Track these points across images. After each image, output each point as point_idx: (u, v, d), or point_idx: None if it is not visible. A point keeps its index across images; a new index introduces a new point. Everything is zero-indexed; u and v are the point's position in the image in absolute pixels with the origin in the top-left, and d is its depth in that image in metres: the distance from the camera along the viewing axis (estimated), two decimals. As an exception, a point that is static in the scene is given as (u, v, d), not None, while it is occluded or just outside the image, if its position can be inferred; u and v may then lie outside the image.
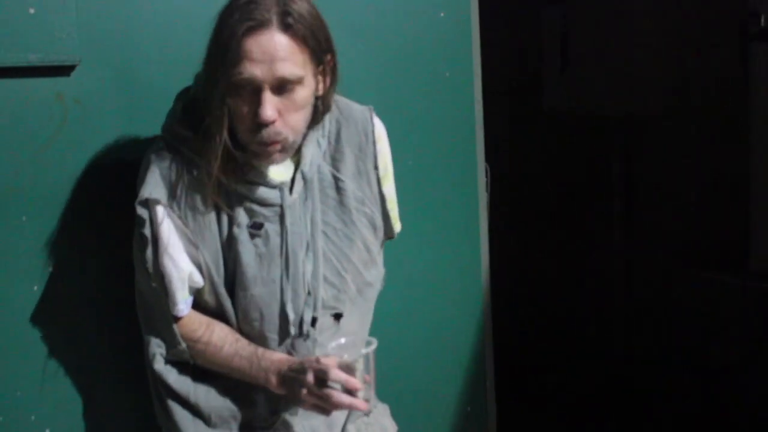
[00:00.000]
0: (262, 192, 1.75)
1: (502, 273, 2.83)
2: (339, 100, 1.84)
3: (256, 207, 1.75)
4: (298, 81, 1.64)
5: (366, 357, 1.68)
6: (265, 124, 1.64)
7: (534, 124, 4.93)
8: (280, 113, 1.65)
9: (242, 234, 1.74)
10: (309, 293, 1.79)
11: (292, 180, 1.79)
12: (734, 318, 3.95)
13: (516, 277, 4.61)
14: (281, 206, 1.76)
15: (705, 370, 4.09)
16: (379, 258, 1.96)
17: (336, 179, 1.84)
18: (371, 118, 1.90)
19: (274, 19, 1.60)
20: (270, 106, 1.62)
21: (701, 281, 4.14)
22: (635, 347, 4.57)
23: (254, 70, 1.60)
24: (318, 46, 1.66)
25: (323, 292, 1.82)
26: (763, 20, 3.76)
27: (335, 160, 1.85)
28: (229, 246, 1.75)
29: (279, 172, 1.77)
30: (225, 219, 1.74)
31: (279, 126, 1.65)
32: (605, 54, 4.41)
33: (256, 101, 1.62)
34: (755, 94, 3.83)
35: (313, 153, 1.81)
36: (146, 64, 1.97)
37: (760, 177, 3.86)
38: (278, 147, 1.69)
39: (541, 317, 4.92)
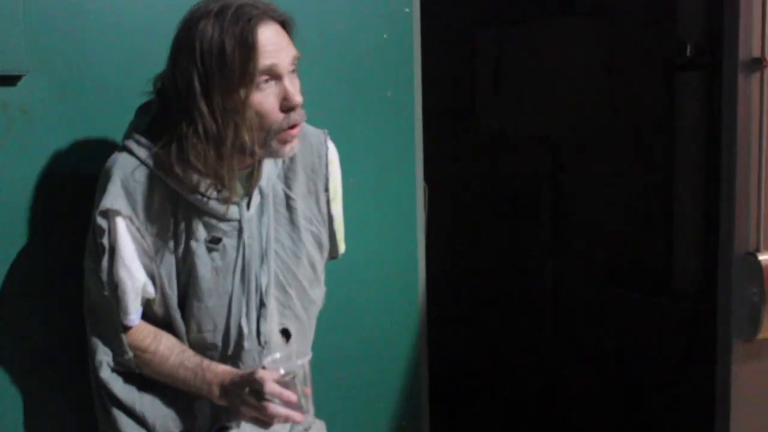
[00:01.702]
0: (222, 207, 1.77)
1: (437, 290, 2.87)
2: None
3: (214, 222, 1.77)
4: (299, 59, 1.75)
5: (301, 369, 1.73)
6: (293, 107, 1.71)
7: (467, 145, 5.01)
8: None
9: (200, 248, 1.76)
10: (264, 305, 1.83)
11: (249, 196, 1.83)
12: (658, 335, 4.06)
13: (450, 295, 4.67)
14: (240, 221, 1.79)
15: (631, 386, 4.19)
16: (323, 277, 2.00)
17: (288, 197, 1.89)
18: (326, 141, 1.97)
19: (264, 15, 1.69)
20: (294, 87, 1.73)
21: (626, 300, 4.25)
22: (564, 364, 4.65)
23: (273, 58, 1.68)
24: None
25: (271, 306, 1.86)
26: (689, 50, 3.89)
27: (288, 179, 1.90)
28: (184, 259, 1.77)
29: (238, 188, 1.79)
30: (182, 232, 1.76)
31: (300, 106, 1.74)
32: (537, 78, 4.51)
33: (279, 89, 1.70)
34: (680, 120, 3.96)
35: (270, 170, 1.85)
36: (93, 75, 1.97)
37: (683, 201, 3.98)
38: (299, 130, 1.76)
39: (474, 334, 4.99)
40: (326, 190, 1.96)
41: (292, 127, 1.74)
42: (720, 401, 2.73)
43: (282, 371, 1.71)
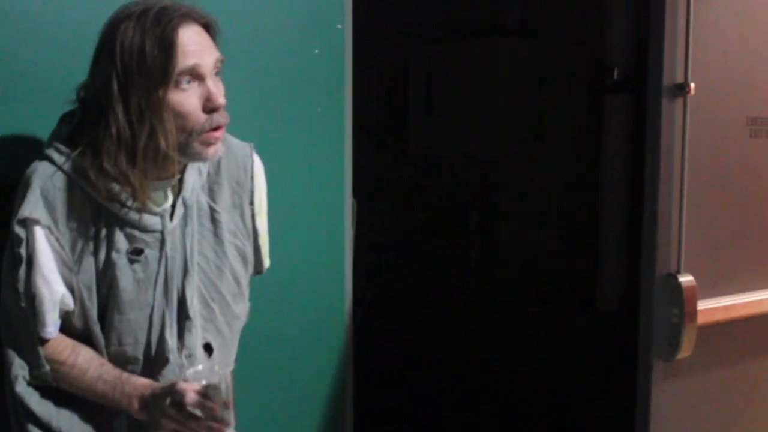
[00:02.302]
0: (144, 218, 1.75)
1: (365, 306, 2.87)
2: None
3: (136, 233, 1.75)
4: (222, 62, 1.74)
5: (224, 381, 1.71)
6: (217, 108, 1.69)
7: (399, 162, 5.02)
8: None
9: (121, 259, 1.74)
10: (189, 318, 1.81)
11: (173, 207, 1.81)
12: (582, 353, 4.11)
13: (378, 310, 4.66)
14: (162, 233, 1.77)
15: (554, 403, 4.23)
16: (247, 291, 1.99)
17: (212, 210, 1.87)
18: (251, 155, 1.96)
19: (187, 16, 1.68)
20: (218, 89, 1.71)
21: (551, 318, 4.30)
22: (489, 380, 4.67)
23: (196, 58, 1.66)
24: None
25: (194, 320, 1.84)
26: (616, 73, 3.96)
27: (213, 191, 1.89)
28: (105, 271, 1.74)
29: (160, 198, 1.78)
30: (103, 243, 1.73)
31: (223, 108, 1.72)
32: (468, 97, 4.55)
33: (202, 90, 1.69)
34: (607, 142, 4.03)
35: (194, 181, 1.83)
36: (16, 81, 1.93)
37: (608, 221, 4.05)
38: (222, 133, 1.74)
39: (401, 349, 4.99)
40: (251, 203, 1.95)
41: (216, 129, 1.72)
42: (640, 420, 2.76)
43: (204, 382, 1.69)
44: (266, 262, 2.06)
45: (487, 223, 4.83)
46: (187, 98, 1.68)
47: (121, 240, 1.74)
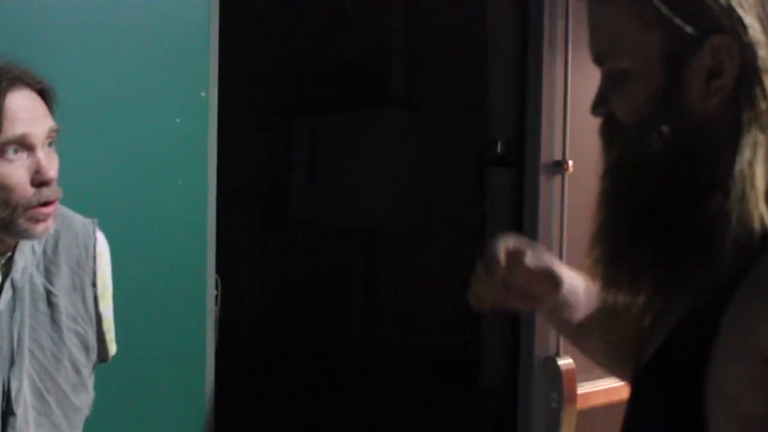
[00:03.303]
0: None
1: (231, 388, 2.71)
2: (60, 209, 1.71)
3: None
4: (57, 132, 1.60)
5: None
6: (47, 182, 1.55)
7: (280, 233, 4.90)
8: None
9: None
10: (13, 414, 1.63)
11: (0, 288, 1.63)
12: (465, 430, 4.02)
13: (247, 392, 4.47)
14: None
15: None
16: (90, 381, 1.81)
17: (48, 292, 1.70)
18: (94, 232, 1.80)
19: (18, 80, 1.55)
20: (50, 161, 1.57)
21: (433, 395, 4.20)
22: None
23: (25, 127, 1.53)
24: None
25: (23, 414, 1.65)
26: (499, 147, 3.93)
27: (49, 272, 1.72)
28: None
29: None
30: None
31: (55, 183, 1.58)
32: (352, 167, 4.47)
33: (31, 162, 1.55)
34: (490, 216, 3.98)
35: (27, 260, 1.67)
36: None
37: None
38: (54, 208, 1.59)
39: (277, 428, 4.81)
40: (93, 285, 1.79)
41: (46, 204, 1.57)
42: None
43: None
44: (112, 349, 1.90)
45: (371, 297, 4.73)
46: (13, 170, 1.53)
47: None
